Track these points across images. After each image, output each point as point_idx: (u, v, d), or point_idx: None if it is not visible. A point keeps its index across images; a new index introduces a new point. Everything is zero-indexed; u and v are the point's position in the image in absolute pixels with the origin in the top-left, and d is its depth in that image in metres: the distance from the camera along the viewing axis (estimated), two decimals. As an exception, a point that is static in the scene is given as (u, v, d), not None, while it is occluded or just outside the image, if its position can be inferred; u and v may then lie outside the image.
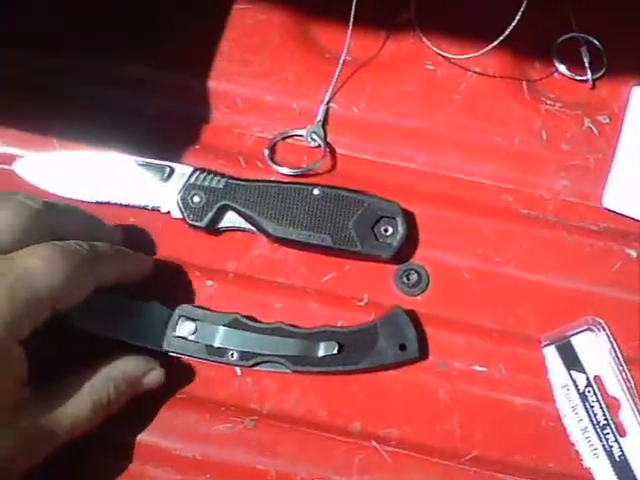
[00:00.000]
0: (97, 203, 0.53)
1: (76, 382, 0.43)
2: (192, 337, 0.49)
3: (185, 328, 0.49)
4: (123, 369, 0.45)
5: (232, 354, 0.48)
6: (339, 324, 0.50)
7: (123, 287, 0.48)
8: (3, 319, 0.38)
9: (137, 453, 0.48)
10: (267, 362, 0.48)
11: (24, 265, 0.40)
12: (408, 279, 0.52)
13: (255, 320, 0.50)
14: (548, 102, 0.56)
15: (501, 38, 0.53)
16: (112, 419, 0.46)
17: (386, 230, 0.51)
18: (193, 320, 0.49)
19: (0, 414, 0.39)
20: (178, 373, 0.49)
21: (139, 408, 0.48)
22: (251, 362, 0.48)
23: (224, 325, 0.49)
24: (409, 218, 0.52)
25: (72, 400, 0.43)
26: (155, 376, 0.47)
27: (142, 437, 0.48)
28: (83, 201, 0.53)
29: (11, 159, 0.54)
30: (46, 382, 0.42)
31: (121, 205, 0.53)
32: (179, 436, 0.48)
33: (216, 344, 0.48)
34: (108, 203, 0.53)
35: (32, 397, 0.41)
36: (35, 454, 0.42)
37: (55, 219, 0.44)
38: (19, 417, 0.40)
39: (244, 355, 0.48)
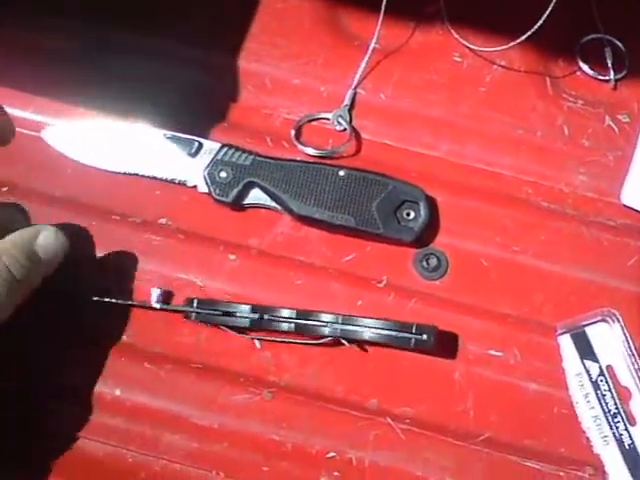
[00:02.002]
0: (124, 174, 0.54)
1: None
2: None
3: None
4: (9, 240, 0.45)
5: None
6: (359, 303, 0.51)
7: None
8: None
9: (153, 419, 0.49)
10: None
11: None
12: (427, 263, 0.53)
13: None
14: (570, 99, 0.57)
15: (528, 34, 0.54)
16: (131, 385, 0.48)
17: (408, 214, 0.52)
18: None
19: None
20: (198, 343, 0.50)
21: (158, 376, 0.49)
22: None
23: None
24: (431, 204, 0.53)
25: None
26: (48, 237, 0.46)
27: (160, 404, 0.49)
28: (109, 171, 0.53)
29: (40, 126, 0.54)
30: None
31: (148, 177, 0.54)
32: (197, 404, 0.49)
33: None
34: (135, 174, 0.54)
35: None
36: None
37: None
38: None
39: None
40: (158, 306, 0.50)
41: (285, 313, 0.49)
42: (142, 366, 0.49)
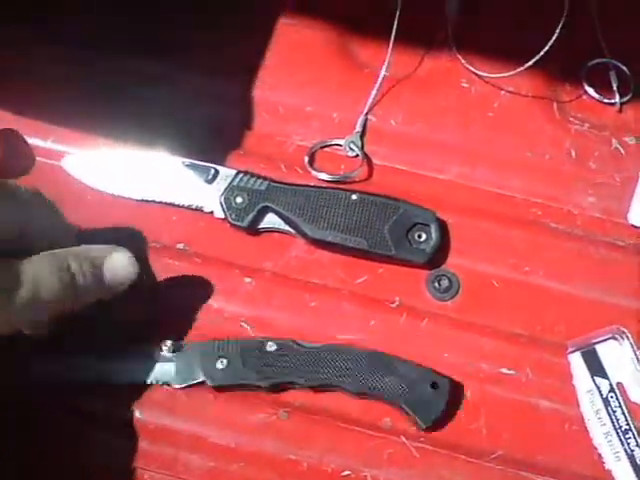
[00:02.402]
0: (142, 201, 0.55)
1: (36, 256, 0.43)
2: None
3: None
4: (84, 247, 0.46)
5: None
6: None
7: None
8: None
9: (171, 439, 0.50)
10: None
11: None
12: (439, 284, 0.54)
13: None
14: (577, 123, 0.59)
15: (534, 60, 0.55)
16: (150, 407, 0.49)
17: (420, 236, 0.53)
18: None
19: None
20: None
21: (176, 397, 0.50)
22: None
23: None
24: (442, 226, 0.54)
25: (34, 258, 0.42)
26: (119, 261, 0.46)
27: (177, 424, 0.50)
28: (128, 198, 0.55)
29: (59, 156, 0.56)
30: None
31: (165, 204, 0.55)
32: (214, 424, 0.50)
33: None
34: (153, 201, 0.55)
35: None
36: None
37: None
38: None
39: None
40: (178, 386, 0.50)
41: (303, 382, 0.50)
42: (160, 388, 0.51)
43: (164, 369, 0.50)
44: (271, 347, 0.50)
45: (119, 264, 0.46)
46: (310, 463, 0.49)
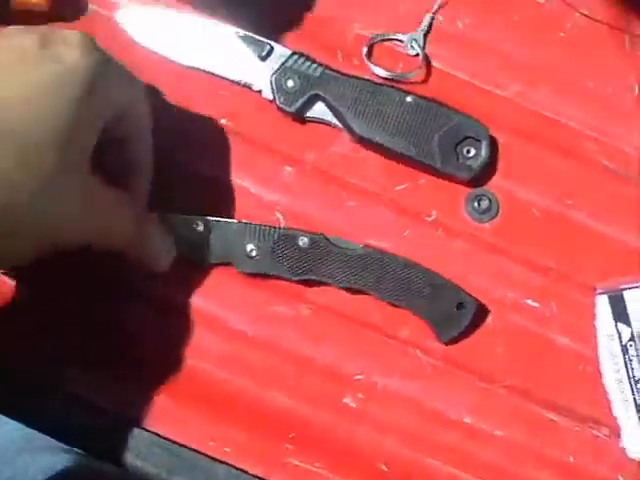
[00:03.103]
0: (189, 67, 0.53)
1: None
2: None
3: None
4: None
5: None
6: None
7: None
8: None
9: (190, 316, 0.50)
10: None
11: None
12: (479, 204, 0.53)
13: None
14: (646, 59, 0.56)
15: (615, -16, 0.52)
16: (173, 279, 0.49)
17: (469, 151, 0.52)
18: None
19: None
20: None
21: (199, 274, 0.50)
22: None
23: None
24: (492, 144, 0.52)
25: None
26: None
27: (198, 302, 0.50)
28: (176, 62, 0.53)
29: (114, 7, 0.53)
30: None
31: (213, 74, 0.53)
32: (236, 309, 0.50)
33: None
34: (202, 70, 0.53)
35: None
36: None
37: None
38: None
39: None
40: (205, 263, 0.50)
41: (331, 281, 0.49)
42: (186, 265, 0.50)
43: (194, 245, 0.49)
44: (304, 242, 0.49)
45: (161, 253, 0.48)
46: (325, 362, 0.50)
